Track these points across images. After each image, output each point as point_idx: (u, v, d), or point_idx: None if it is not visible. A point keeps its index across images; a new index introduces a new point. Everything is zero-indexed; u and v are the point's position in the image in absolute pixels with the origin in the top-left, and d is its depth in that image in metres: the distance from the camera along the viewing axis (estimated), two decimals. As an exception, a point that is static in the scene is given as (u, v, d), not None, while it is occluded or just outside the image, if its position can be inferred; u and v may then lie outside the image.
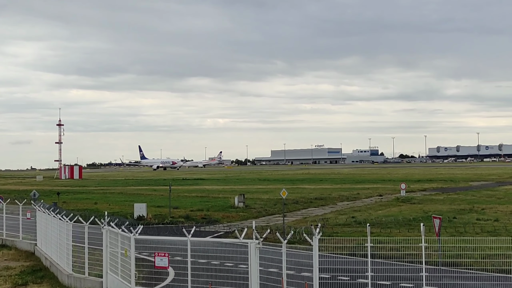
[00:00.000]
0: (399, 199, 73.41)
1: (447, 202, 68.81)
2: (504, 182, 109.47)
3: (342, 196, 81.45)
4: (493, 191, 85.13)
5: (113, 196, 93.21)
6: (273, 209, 64.07)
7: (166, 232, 42.64)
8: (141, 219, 53.86)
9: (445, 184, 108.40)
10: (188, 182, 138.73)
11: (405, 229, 43.26)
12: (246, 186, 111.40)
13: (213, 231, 47.27)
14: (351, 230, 44.79)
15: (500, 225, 43.39)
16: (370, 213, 58.37)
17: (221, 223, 52.66)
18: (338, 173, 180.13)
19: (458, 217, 51.48)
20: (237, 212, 61.33)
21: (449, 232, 38.65)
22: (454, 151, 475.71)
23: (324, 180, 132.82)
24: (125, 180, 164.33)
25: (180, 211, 62.60)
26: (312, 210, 63.53)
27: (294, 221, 51.97)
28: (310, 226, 30.77)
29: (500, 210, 58.03)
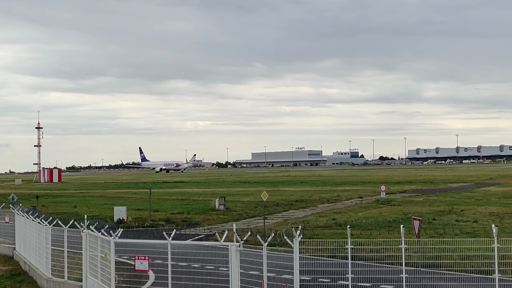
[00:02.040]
0: (379, 201, 73.71)
1: (426, 203, 69.20)
2: (482, 184, 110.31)
3: (323, 198, 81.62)
4: (472, 193, 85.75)
5: (92, 199, 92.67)
6: (254, 211, 64.06)
7: (146, 235, 42.42)
8: (121, 222, 53.60)
9: (425, 185, 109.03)
10: (168, 185, 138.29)
11: (385, 231, 43.44)
12: (227, 189, 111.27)
13: (194, 234, 47.15)
14: (332, 232, 44.88)
15: (479, 226, 43.70)
16: (351, 215, 58.54)
17: (201, 226, 52.57)
18: (319, 175, 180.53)
19: (438, 219, 51.81)
20: (217, 215, 61.23)
21: (428, 233, 38.85)
22: (434, 153, 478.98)
23: (304, 183, 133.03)
24: (105, 183, 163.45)
25: (161, 214, 62.37)
26: (292, 213, 63.61)
27: (275, 224, 52.00)
28: (290, 228, 30.77)
29: (479, 211, 58.45)
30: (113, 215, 57.60)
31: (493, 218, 51.30)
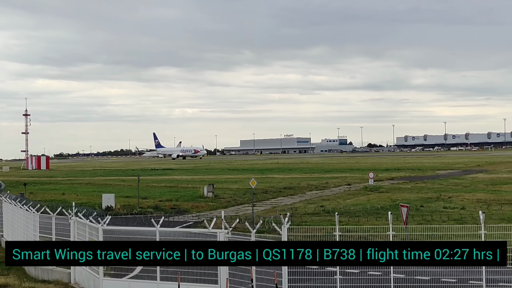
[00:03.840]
0: (367, 188, 73.94)
1: (414, 190, 69.49)
2: (470, 171, 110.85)
3: (311, 185, 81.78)
4: (459, 180, 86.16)
5: (81, 186, 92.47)
6: (242, 198, 64.11)
7: (134, 222, 42.32)
8: (110, 209, 53.50)
9: (413, 173, 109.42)
10: (157, 172, 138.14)
11: (373, 218, 43.61)
12: (215, 176, 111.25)
13: (182, 221, 47.16)
14: (320, 219, 45.03)
15: (467, 213, 43.93)
16: (339, 202, 58.71)
17: (190, 213, 52.58)
18: (307, 163, 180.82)
19: (425, 206, 52.06)
20: (206, 202, 61.24)
21: (416, 220, 39.01)
22: (422, 140, 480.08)
23: (293, 170, 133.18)
24: (93, 170, 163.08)
25: (149, 201, 62.29)
26: (281, 200, 63.72)
27: (263, 211, 52.08)
28: (279, 215, 30.81)
29: (466, 198, 58.77)
30: (101, 203, 57.47)
31: (481, 205, 51.58)
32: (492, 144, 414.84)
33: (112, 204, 56.42)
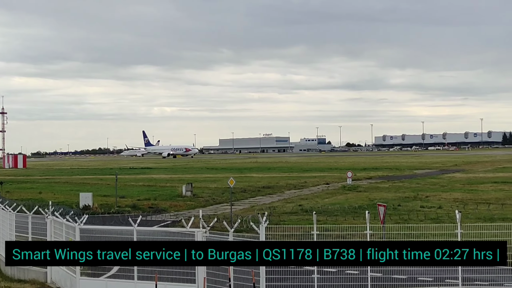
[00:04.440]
0: (346, 187, 74.22)
1: (392, 190, 69.88)
2: (447, 170, 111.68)
3: (290, 184, 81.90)
4: (437, 179, 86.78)
5: (58, 185, 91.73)
6: (221, 198, 64.04)
7: (112, 221, 42.13)
8: (87, 208, 53.16)
9: (391, 172, 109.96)
10: (135, 171, 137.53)
11: (350, 217, 43.77)
12: (194, 175, 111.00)
13: (160, 220, 47.00)
14: (298, 218, 45.13)
15: (443, 212, 44.27)
16: (317, 201, 58.87)
17: (168, 212, 52.43)
18: (286, 162, 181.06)
19: (403, 205, 52.37)
20: (184, 201, 61.09)
21: (393, 219, 39.25)
22: (400, 139, 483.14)
23: (272, 169, 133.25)
24: (70, 169, 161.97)
25: (127, 200, 62.02)
26: (259, 199, 63.75)
27: (241, 210, 52.08)
28: (257, 214, 30.85)
29: (443, 197, 59.20)
30: (78, 202, 57.07)
31: (457, 204, 51.99)
32: (469, 144, 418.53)
33: (90, 203, 56.08)
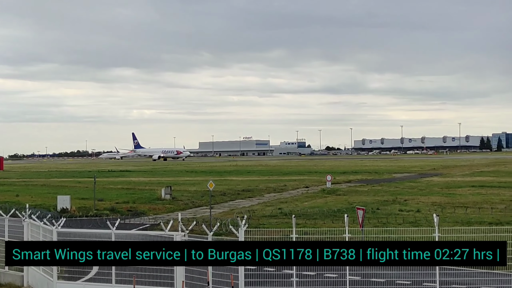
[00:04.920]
0: (325, 191, 74.37)
1: (371, 193, 70.16)
2: (426, 174, 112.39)
3: (269, 188, 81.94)
4: (415, 183, 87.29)
5: (35, 188, 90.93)
6: (200, 201, 63.88)
7: (90, 224, 41.89)
8: (65, 211, 52.77)
9: (370, 175, 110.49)
10: (113, 174, 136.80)
11: (330, 220, 43.87)
12: (173, 178, 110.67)
13: (139, 223, 46.81)
14: (278, 221, 45.15)
15: (422, 216, 44.51)
16: (297, 204, 58.95)
17: (147, 216, 52.18)
18: (266, 165, 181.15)
19: (382, 208, 52.59)
20: (163, 204, 60.87)
21: (372, 223, 39.40)
22: (379, 143, 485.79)
23: (251, 172, 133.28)
24: (48, 172, 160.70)
25: (105, 203, 61.65)
26: (239, 202, 63.70)
27: (221, 213, 51.99)
28: (236, 217, 30.81)
29: (421, 201, 59.52)
30: (56, 204, 56.63)
31: (435, 208, 52.30)
32: (448, 148, 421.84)
33: (68, 206, 55.66)
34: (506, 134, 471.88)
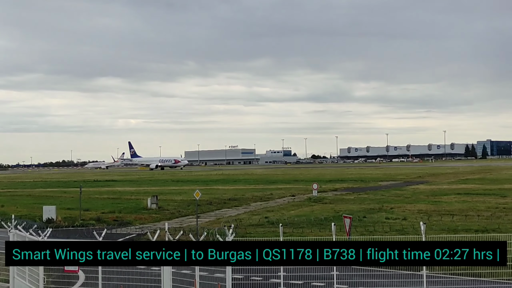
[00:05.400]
0: (311, 199, 74.42)
1: (357, 201, 70.28)
2: (411, 182, 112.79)
3: (256, 196, 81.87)
4: (401, 191, 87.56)
5: (21, 198, 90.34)
6: (187, 210, 63.71)
7: (76, 235, 41.74)
8: (50, 222, 52.49)
9: (356, 184, 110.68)
10: (99, 183, 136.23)
11: (316, 229, 43.90)
12: (159, 188, 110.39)
13: (125, 233, 46.61)
14: (264, 230, 45.11)
15: (408, 224, 44.62)
16: (283, 213, 58.94)
17: (133, 225, 52.02)
18: (252, 174, 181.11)
19: (368, 216, 52.67)
20: (149, 214, 60.68)
21: (359, 231, 39.47)
22: (364, 151, 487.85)
23: (238, 181, 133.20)
24: (33, 182, 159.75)
25: (91, 213, 61.36)
26: (225, 211, 63.59)
27: (207, 222, 51.88)
28: (223, 227, 30.77)
29: (408, 209, 59.70)
30: (42, 215, 56.30)
31: (422, 215, 52.46)
32: (433, 156, 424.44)
33: (53, 217, 55.36)
34: (491, 142, 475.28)
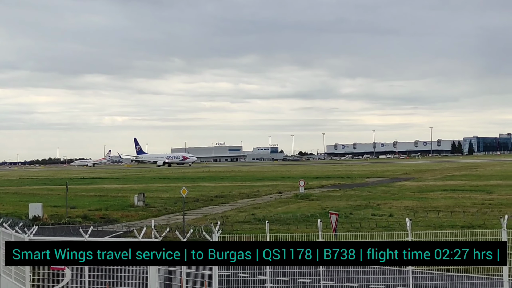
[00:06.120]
0: (298, 196, 74.53)
1: (344, 198, 70.46)
2: (398, 178, 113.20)
3: (243, 193, 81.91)
4: (387, 187, 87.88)
5: (7, 196, 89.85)
6: (174, 207, 63.66)
7: (62, 232, 41.58)
8: (37, 219, 52.26)
9: (342, 180, 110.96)
10: (86, 181, 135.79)
11: (303, 225, 43.98)
12: (146, 185, 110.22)
13: (112, 230, 46.54)
14: (251, 227, 45.15)
15: (394, 220, 44.81)
16: (270, 210, 59.02)
17: (120, 223, 51.89)
18: (239, 171, 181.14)
19: (354, 213, 52.83)
20: (136, 211, 60.56)
21: (345, 227, 39.59)
22: (351, 148, 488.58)
23: (224, 178, 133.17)
24: (20, 179, 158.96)
25: (78, 211, 61.16)
26: (212, 208, 63.60)
27: (194, 219, 51.87)
28: (210, 224, 30.79)
29: (394, 205, 59.91)
30: (28, 212, 56.06)
31: (408, 212, 52.71)
32: (419, 152, 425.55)
33: (40, 214, 55.13)
34: (477, 138, 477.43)
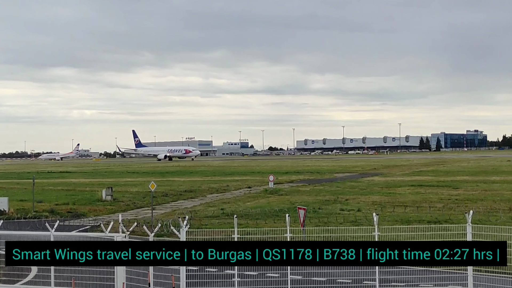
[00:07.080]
0: (268, 191, 74.63)
1: (313, 193, 70.74)
2: (366, 174, 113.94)
3: (212, 188, 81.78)
4: (356, 183, 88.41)
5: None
6: (142, 202, 63.36)
7: (28, 226, 41.09)
8: (2, 213, 51.61)
9: (312, 175, 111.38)
10: (53, 175, 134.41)
11: (271, 220, 44.02)
12: (115, 179, 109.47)
13: (79, 225, 46.16)
14: (220, 221, 45.11)
15: (362, 215, 45.06)
16: (239, 204, 59.04)
17: (87, 217, 51.49)
18: (209, 166, 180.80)
19: (323, 208, 53.05)
20: (104, 206, 60.12)
21: (313, 222, 39.71)
22: (321, 143, 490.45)
23: (194, 173, 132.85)
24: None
25: (45, 205, 60.50)
26: (181, 203, 63.39)
27: (163, 214, 51.65)
28: (178, 218, 30.65)
29: (362, 200, 60.32)
30: (-7, 207, 55.31)
31: (375, 207, 53.07)
32: (388, 148, 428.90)
33: (5, 208, 54.42)
34: (444, 134, 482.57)
